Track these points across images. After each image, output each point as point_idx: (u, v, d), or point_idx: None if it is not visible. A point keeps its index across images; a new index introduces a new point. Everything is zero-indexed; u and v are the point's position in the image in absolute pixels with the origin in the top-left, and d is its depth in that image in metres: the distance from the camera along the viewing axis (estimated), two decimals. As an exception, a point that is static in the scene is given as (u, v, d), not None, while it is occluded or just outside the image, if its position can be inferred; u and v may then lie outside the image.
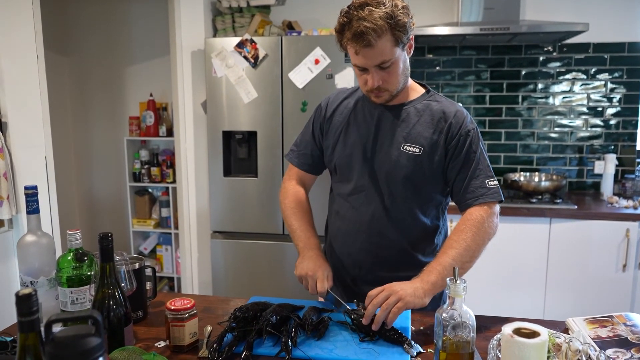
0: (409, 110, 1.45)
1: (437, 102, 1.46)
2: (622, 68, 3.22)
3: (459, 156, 1.41)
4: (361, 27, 1.25)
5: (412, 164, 1.41)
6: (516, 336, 0.88)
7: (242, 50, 2.87)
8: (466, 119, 1.42)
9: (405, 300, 1.20)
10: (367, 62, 1.32)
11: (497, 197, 1.40)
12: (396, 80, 1.37)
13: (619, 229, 2.75)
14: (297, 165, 1.66)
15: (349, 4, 1.31)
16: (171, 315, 1.16)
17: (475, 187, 1.40)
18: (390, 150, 1.43)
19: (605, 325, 1.20)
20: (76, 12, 3.83)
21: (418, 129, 1.42)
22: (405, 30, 1.30)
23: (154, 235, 3.91)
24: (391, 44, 1.29)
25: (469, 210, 1.40)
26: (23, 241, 1.22)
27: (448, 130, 1.40)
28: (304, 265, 1.43)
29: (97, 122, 3.96)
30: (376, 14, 1.26)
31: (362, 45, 1.27)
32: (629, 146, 3.29)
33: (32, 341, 0.72)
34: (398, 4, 1.29)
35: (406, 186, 1.43)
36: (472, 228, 1.35)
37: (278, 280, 3.04)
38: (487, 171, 1.42)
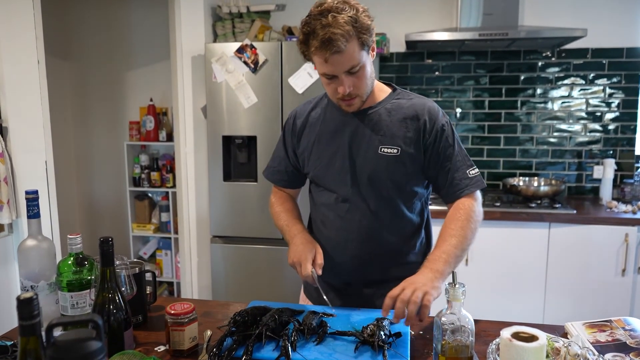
0: (379, 112, 1.45)
1: (407, 100, 1.46)
2: (621, 73, 3.23)
3: (437, 152, 1.42)
4: (328, 34, 1.24)
5: (392, 165, 1.42)
6: (515, 340, 0.88)
7: (242, 55, 2.88)
8: (438, 114, 1.44)
9: (430, 292, 1.18)
10: (337, 68, 1.31)
11: (480, 185, 1.44)
12: (365, 85, 1.37)
13: (618, 233, 2.75)
14: (273, 182, 1.69)
15: (307, 14, 1.31)
16: (171, 319, 1.16)
17: (459, 180, 1.42)
18: (368, 154, 1.44)
19: (604, 329, 1.20)
20: (77, 17, 3.84)
21: (392, 130, 1.43)
22: (369, 33, 1.30)
23: (154, 240, 3.91)
24: (358, 48, 1.29)
25: (457, 201, 1.43)
26: (24, 245, 1.22)
27: (423, 128, 1.41)
28: (291, 252, 1.44)
29: (97, 127, 3.97)
30: (341, 19, 1.25)
31: (332, 52, 1.26)
32: (627, 151, 3.30)
33: (33, 345, 0.73)
34: (359, 8, 1.29)
35: (390, 187, 1.44)
36: (465, 217, 1.38)
37: (277, 285, 3.04)
38: (467, 161, 1.45)
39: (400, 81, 3.48)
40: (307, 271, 1.36)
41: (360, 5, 1.31)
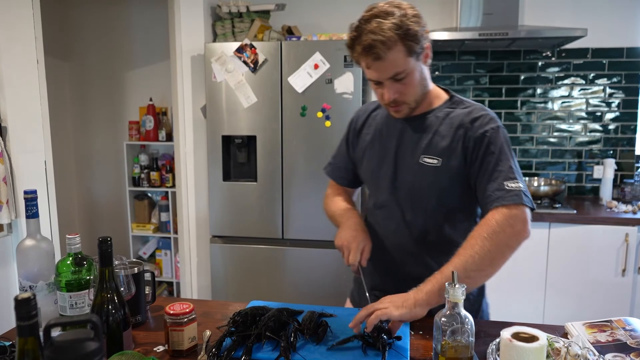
0: (429, 120, 1.39)
1: (459, 108, 1.38)
2: (621, 73, 3.23)
3: (476, 160, 1.32)
4: (369, 40, 1.22)
5: (432, 177, 1.35)
6: (515, 340, 0.88)
7: (242, 55, 2.88)
8: (484, 119, 1.33)
9: (388, 311, 1.16)
10: (380, 75, 1.28)
11: (516, 199, 1.25)
12: (413, 92, 1.33)
13: (618, 233, 2.75)
14: (333, 178, 1.66)
15: (359, 18, 1.29)
16: (170, 319, 1.16)
17: (492, 190, 1.28)
18: (411, 163, 1.39)
19: (604, 329, 1.20)
20: (76, 17, 3.84)
21: (437, 139, 1.36)
22: (416, 39, 1.25)
23: (153, 240, 3.90)
24: (404, 55, 1.25)
25: (486, 215, 1.28)
26: (22, 245, 1.22)
27: (465, 136, 1.33)
28: (342, 234, 1.40)
29: (96, 127, 3.97)
30: (384, 25, 1.22)
31: (372, 59, 1.25)
32: (627, 151, 3.29)
33: (31, 345, 0.72)
34: (408, 13, 1.25)
35: (429, 200, 1.38)
36: (482, 234, 1.22)
37: (277, 285, 3.04)
38: (509, 172, 1.28)
39: (400, 81, 3.47)
40: (354, 260, 1.32)
41: (412, 10, 1.27)
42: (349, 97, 2.81)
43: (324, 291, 2.94)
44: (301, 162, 2.92)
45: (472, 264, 1.20)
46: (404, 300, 1.18)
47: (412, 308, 1.17)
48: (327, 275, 2.95)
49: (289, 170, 2.94)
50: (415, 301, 1.18)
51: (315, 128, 2.87)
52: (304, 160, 2.91)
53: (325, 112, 2.84)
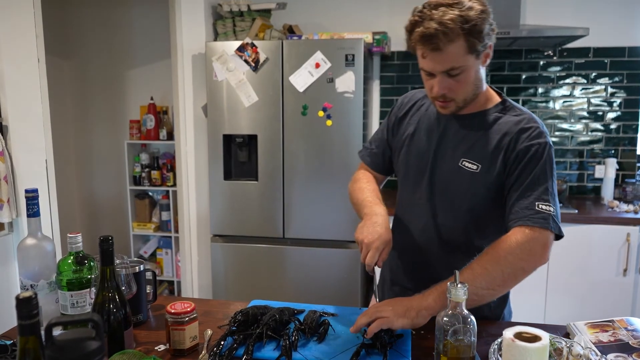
0: (477, 122, 1.32)
1: (510, 115, 1.31)
2: (622, 72, 3.22)
3: (514, 172, 1.25)
4: (431, 29, 1.15)
5: (468, 182, 1.31)
6: (517, 340, 0.87)
7: (243, 54, 2.87)
8: (533, 132, 1.26)
9: (389, 320, 1.13)
10: (435, 66, 1.22)
11: (543, 223, 1.19)
12: (465, 91, 1.26)
13: (620, 233, 2.75)
14: (368, 164, 1.59)
15: (423, 3, 1.21)
16: (171, 318, 1.16)
17: (521, 208, 1.22)
18: (450, 164, 1.34)
19: (606, 329, 1.19)
20: (77, 16, 3.84)
21: (481, 144, 1.30)
22: (481, 37, 1.18)
23: (154, 239, 3.90)
24: (463, 51, 1.18)
25: (508, 232, 1.23)
26: (23, 244, 1.22)
27: (509, 145, 1.26)
28: (364, 231, 1.29)
29: (97, 126, 3.96)
30: (450, 15, 1.15)
31: (430, 49, 1.18)
32: (629, 150, 3.29)
33: (32, 344, 0.72)
34: (477, 7, 1.18)
35: (461, 206, 1.34)
36: (499, 253, 1.18)
37: (278, 284, 3.04)
38: (544, 193, 1.22)
39: (401, 80, 3.47)
40: (371, 261, 1.24)
41: (481, 5, 1.19)
42: (350, 97, 2.80)
43: (325, 290, 2.94)
44: (302, 161, 2.92)
45: (482, 282, 1.17)
46: (407, 310, 1.16)
47: (414, 318, 1.15)
48: (328, 274, 2.94)
49: (290, 169, 2.94)
50: (418, 312, 1.16)
51: (316, 127, 2.87)
52: (305, 159, 2.91)
53: (326, 111, 2.84)
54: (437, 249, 1.38)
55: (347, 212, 2.90)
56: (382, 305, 1.20)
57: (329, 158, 2.88)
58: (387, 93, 3.50)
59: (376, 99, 3.53)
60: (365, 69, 2.84)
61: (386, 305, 1.19)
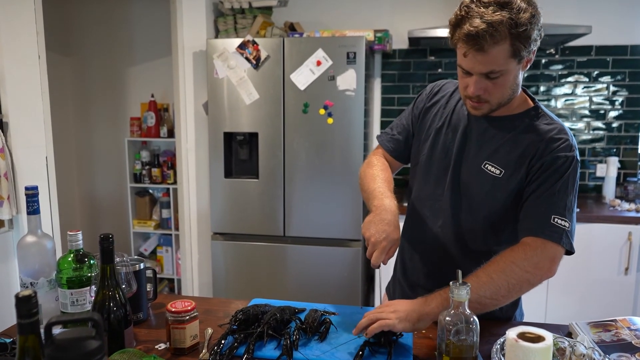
0: (506, 125, 1.29)
1: (541, 123, 1.27)
2: (625, 71, 3.21)
3: (535, 181, 1.23)
4: (478, 28, 1.10)
5: (490, 186, 1.28)
6: (521, 340, 0.87)
7: (244, 51, 2.86)
8: (562, 144, 1.22)
9: (390, 322, 1.13)
10: (474, 66, 1.17)
11: (555, 237, 1.18)
12: (501, 94, 1.22)
13: (621, 232, 2.74)
14: (388, 150, 1.52)
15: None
16: (172, 317, 1.15)
17: (536, 219, 1.21)
18: (472, 166, 1.31)
19: (609, 329, 1.19)
20: (78, 12, 3.83)
21: (506, 149, 1.27)
22: (527, 43, 1.13)
23: (155, 237, 3.90)
24: (506, 54, 1.14)
25: (519, 242, 1.22)
26: (23, 242, 1.21)
27: (535, 153, 1.23)
28: (372, 227, 1.24)
29: (98, 123, 3.96)
30: (500, 17, 1.10)
31: (474, 49, 1.13)
32: (631, 149, 3.28)
33: (32, 343, 0.72)
34: (528, 10, 1.12)
35: (480, 209, 1.31)
36: (506, 265, 1.17)
37: (279, 283, 3.03)
38: (562, 208, 1.20)
39: (403, 78, 3.46)
40: (377, 261, 1.20)
41: (533, 8, 1.14)
42: (351, 94, 2.79)
43: (325, 289, 2.94)
44: (303, 159, 2.91)
45: (487, 291, 1.15)
46: (408, 314, 1.14)
47: (415, 322, 1.14)
48: (329, 272, 2.94)
49: (290, 167, 2.93)
50: (420, 316, 1.14)
51: (317, 125, 2.86)
52: (306, 157, 2.90)
53: (327, 109, 2.83)
54: (454, 249, 1.35)
55: (348, 210, 2.90)
56: (385, 307, 1.19)
57: (329, 156, 2.87)
58: (389, 91, 3.49)
59: (377, 97, 3.52)
60: (366, 67, 2.83)
61: (388, 307, 1.18)
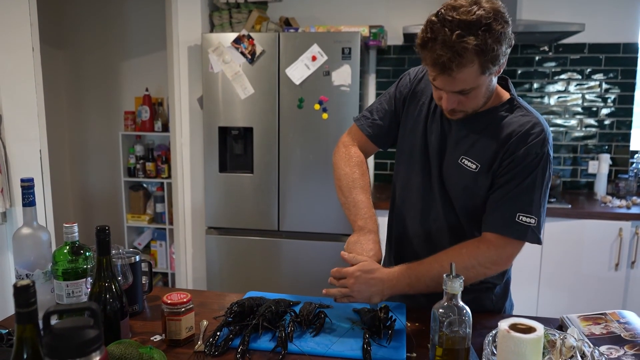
0: (482, 120, 1.28)
1: (514, 114, 1.27)
2: (617, 69, 3.24)
3: (505, 175, 1.23)
4: (444, 58, 1.09)
5: (466, 181, 1.29)
6: (512, 331, 0.88)
7: (239, 46, 2.86)
8: (534, 140, 1.22)
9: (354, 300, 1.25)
10: (445, 87, 1.18)
11: (518, 235, 1.22)
12: (475, 104, 1.23)
13: (612, 228, 2.77)
14: (368, 134, 1.48)
15: (438, 12, 1.14)
16: (167, 309, 1.16)
17: (502, 215, 1.23)
18: (450, 160, 1.32)
19: (599, 322, 1.21)
20: (72, 5, 3.81)
21: (482, 143, 1.27)
22: (497, 60, 1.13)
23: (149, 231, 3.90)
24: (476, 74, 1.13)
25: (481, 236, 1.26)
26: (19, 234, 1.21)
27: (508, 148, 1.23)
28: (357, 247, 1.30)
29: (92, 117, 3.94)
30: (467, 43, 1.08)
31: (442, 73, 1.13)
32: (622, 146, 3.31)
33: (30, 333, 0.72)
34: (495, 30, 1.09)
35: (459, 204, 1.32)
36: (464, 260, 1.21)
37: (273, 277, 3.04)
38: (528, 205, 1.21)
39: (398, 74, 3.46)
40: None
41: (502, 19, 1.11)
42: (346, 90, 2.80)
43: (319, 283, 2.93)
44: (298, 154, 2.92)
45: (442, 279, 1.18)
46: (371, 295, 1.23)
47: (377, 302, 1.25)
48: (322, 267, 2.95)
49: (285, 162, 2.94)
50: (382, 298, 1.25)
51: (312, 120, 2.86)
52: (301, 152, 2.91)
53: (322, 104, 2.84)
54: (447, 239, 1.35)
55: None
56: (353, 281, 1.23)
57: (324, 151, 2.88)
58: (383, 87, 3.50)
59: (372, 92, 3.53)
60: (361, 63, 2.84)
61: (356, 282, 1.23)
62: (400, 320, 1.27)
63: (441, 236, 1.37)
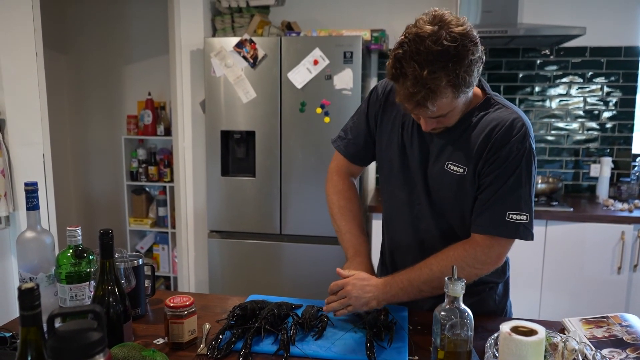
0: (459, 124, 1.26)
1: (492, 112, 1.26)
2: (619, 72, 3.24)
3: (490, 174, 1.22)
4: (418, 96, 1.08)
5: (456, 186, 1.27)
6: (514, 334, 0.89)
7: (242, 50, 2.87)
8: (517, 134, 1.21)
9: (353, 309, 1.26)
10: (421, 115, 1.19)
11: (508, 234, 1.22)
12: (454, 120, 1.23)
13: (614, 231, 2.76)
14: (345, 155, 1.50)
15: (402, 43, 1.10)
16: (170, 312, 1.16)
17: (490, 215, 1.22)
18: (436, 168, 1.30)
19: (600, 325, 1.21)
20: (75, 10, 3.83)
21: (465, 146, 1.25)
22: (470, 85, 1.13)
23: (151, 235, 3.90)
24: (450, 99, 1.13)
25: (471, 238, 1.26)
26: (23, 237, 1.22)
27: (491, 146, 1.22)
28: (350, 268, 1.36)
29: (95, 121, 3.96)
30: (439, 80, 1.06)
31: (417, 107, 1.13)
32: (624, 149, 3.31)
33: (34, 336, 0.73)
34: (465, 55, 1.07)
35: (449, 209, 1.32)
36: (457, 262, 1.21)
37: (275, 280, 3.04)
38: (516, 202, 1.21)
39: (399, 78, 3.47)
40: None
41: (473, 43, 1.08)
42: (348, 94, 2.81)
43: (321, 287, 2.93)
44: (299, 158, 2.92)
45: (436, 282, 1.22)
46: (368, 300, 1.25)
47: (374, 307, 1.26)
48: (324, 271, 2.95)
49: (287, 166, 2.94)
50: (379, 303, 1.26)
51: (314, 124, 2.87)
52: (303, 156, 2.92)
53: (324, 108, 2.84)
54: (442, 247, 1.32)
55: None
56: (350, 288, 1.26)
57: (326, 155, 2.88)
58: (385, 90, 3.50)
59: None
60: (363, 66, 2.84)
61: (352, 289, 1.26)
62: (402, 325, 1.27)
63: (434, 245, 1.34)
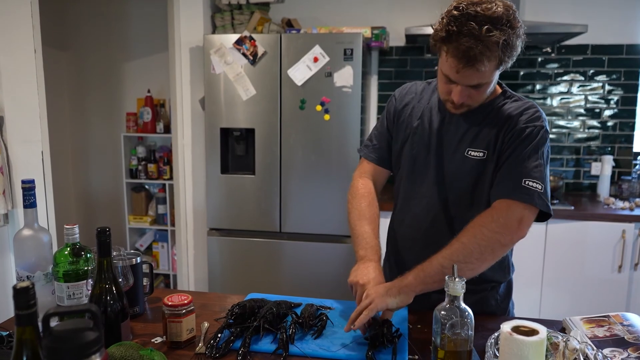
0: (478, 114, 1.33)
1: (509, 102, 1.34)
2: (620, 70, 3.23)
3: (507, 149, 1.27)
4: (475, 50, 1.12)
5: (476, 171, 1.32)
6: (515, 334, 0.88)
7: (241, 47, 2.86)
8: (531, 116, 1.28)
9: (374, 304, 1.15)
10: (463, 80, 1.21)
11: (525, 198, 1.21)
12: (482, 98, 1.29)
13: (615, 230, 2.76)
14: (374, 160, 1.54)
15: (458, 6, 1.16)
16: (168, 311, 1.15)
17: (507, 182, 1.24)
18: (455, 156, 1.34)
19: (602, 324, 1.20)
20: (74, 6, 3.81)
21: (485, 131, 1.31)
22: (513, 56, 1.18)
23: (150, 232, 3.90)
24: (494, 68, 1.18)
25: (492, 204, 1.26)
26: (20, 235, 1.21)
27: (508, 127, 1.28)
28: (359, 273, 1.30)
29: (94, 118, 3.95)
30: (495, 38, 1.11)
31: (468, 67, 1.16)
32: (625, 148, 3.30)
33: (30, 335, 0.72)
34: (516, 27, 1.14)
35: (473, 196, 1.34)
36: (474, 226, 1.21)
37: (274, 278, 3.04)
38: (533, 171, 1.23)
39: (400, 75, 3.46)
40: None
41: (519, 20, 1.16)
42: (348, 91, 2.80)
43: (321, 285, 2.95)
44: (299, 155, 2.91)
45: (460, 256, 1.18)
46: (388, 289, 1.19)
47: (396, 295, 1.18)
48: (324, 268, 2.95)
49: (287, 163, 2.93)
50: (400, 289, 1.19)
51: (314, 121, 2.86)
52: (302, 153, 2.91)
53: (324, 105, 2.83)
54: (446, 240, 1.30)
55: (344, 206, 2.89)
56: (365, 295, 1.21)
57: (326, 152, 2.87)
58: (385, 88, 3.50)
59: (374, 94, 3.52)
60: (363, 64, 2.83)
61: (367, 294, 1.20)
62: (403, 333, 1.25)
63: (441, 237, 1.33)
